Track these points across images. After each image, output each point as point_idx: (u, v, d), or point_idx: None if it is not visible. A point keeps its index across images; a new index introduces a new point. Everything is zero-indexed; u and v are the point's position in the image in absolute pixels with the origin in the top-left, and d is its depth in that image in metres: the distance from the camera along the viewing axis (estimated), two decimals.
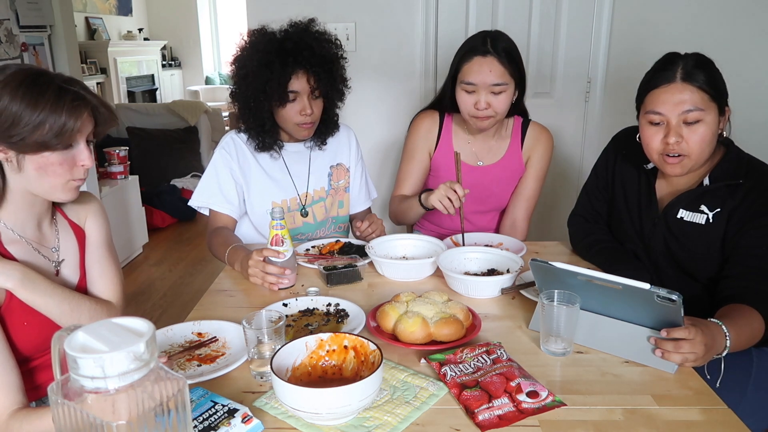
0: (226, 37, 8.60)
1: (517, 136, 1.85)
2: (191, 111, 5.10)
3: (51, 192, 1.11)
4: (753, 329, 1.16)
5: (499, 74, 1.64)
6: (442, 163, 1.88)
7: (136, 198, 3.88)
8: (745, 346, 1.15)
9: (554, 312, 1.09)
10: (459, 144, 1.86)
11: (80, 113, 1.06)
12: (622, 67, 2.73)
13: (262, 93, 1.57)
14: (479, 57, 1.65)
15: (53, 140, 1.04)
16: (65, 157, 1.08)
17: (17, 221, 1.14)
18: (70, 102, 1.04)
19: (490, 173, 1.85)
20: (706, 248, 1.35)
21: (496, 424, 0.90)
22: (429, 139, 1.87)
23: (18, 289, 1.07)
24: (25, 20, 2.74)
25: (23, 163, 1.06)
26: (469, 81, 1.66)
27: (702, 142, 1.28)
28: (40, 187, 1.10)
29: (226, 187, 1.69)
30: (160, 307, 3.25)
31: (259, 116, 1.63)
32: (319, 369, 1.00)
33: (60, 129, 1.03)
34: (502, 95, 1.67)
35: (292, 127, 1.65)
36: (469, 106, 1.69)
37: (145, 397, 0.63)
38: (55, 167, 1.08)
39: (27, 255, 1.14)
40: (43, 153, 1.06)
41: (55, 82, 1.05)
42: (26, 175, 1.08)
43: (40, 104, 1.01)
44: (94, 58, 6.60)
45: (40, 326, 1.11)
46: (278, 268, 1.37)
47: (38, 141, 1.03)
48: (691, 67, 1.28)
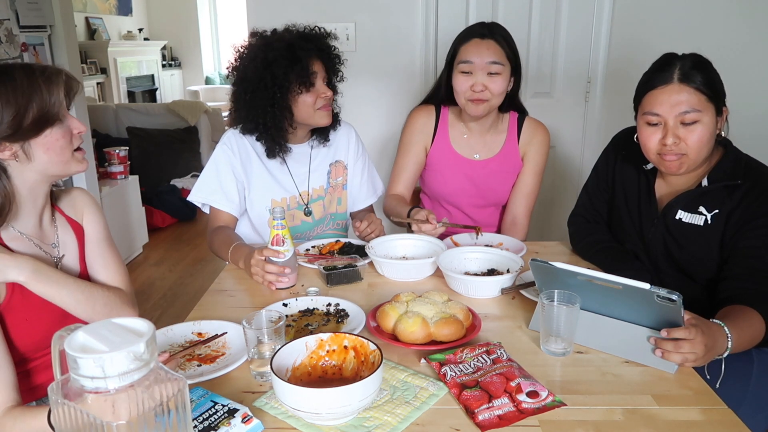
0: (226, 37, 8.59)
1: (513, 130, 1.86)
2: (191, 111, 5.10)
3: (66, 167, 1.15)
4: (754, 330, 1.16)
5: (496, 53, 1.67)
6: (437, 158, 1.89)
7: (136, 198, 3.88)
8: (747, 347, 1.15)
9: (554, 312, 1.09)
10: (455, 137, 1.86)
11: (53, 84, 1.09)
12: (622, 67, 2.73)
13: (286, 79, 1.57)
14: (477, 39, 1.69)
15: (46, 116, 1.08)
16: (64, 130, 1.12)
17: (20, 219, 1.15)
18: (41, 77, 1.08)
19: (487, 167, 1.86)
20: (705, 250, 1.34)
21: (496, 424, 0.90)
22: (425, 133, 1.88)
23: (31, 281, 1.08)
24: (25, 20, 2.74)
25: (30, 151, 1.09)
26: (467, 59, 1.68)
27: (699, 142, 1.28)
28: (55, 167, 1.13)
29: (227, 183, 1.68)
30: (160, 307, 3.25)
31: (281, 110, 1.61)
32: (319, 369, 1.00)
33: (47, 103, 1.08)
34: (498, 78, 1.68)
35: (314, 113, 1.64)
36: (466, 89, 1.70)
37: (145, 397, 0.63)
38: (60, 142, 1.12)
39: (28, 251, 1.15)
40: (45, 132, 1.09)
41: (17, 66, 1.08)
42: (38, 161, 1.11)
43: (18, 89, 1.05)
44: (94, 58, 6.60)
45: (40, 323, 1.12)
46: (278, 268, 1.37)
47: (36, 120, 1.07)
48: (689, 68, 1.28)
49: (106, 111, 5.05)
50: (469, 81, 1.69)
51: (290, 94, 1.60)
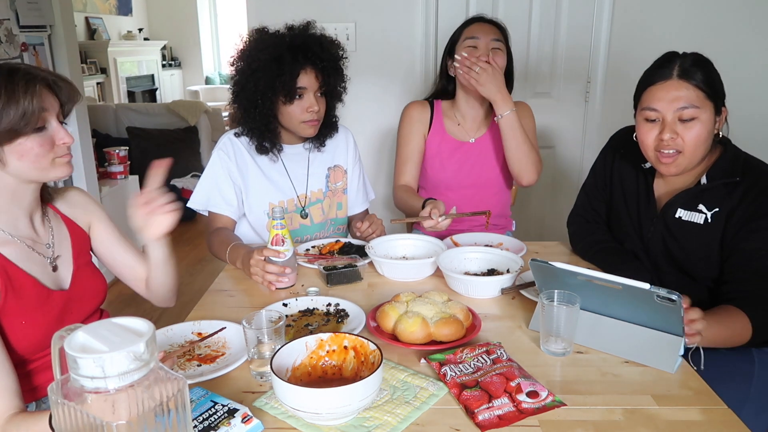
0: (226, 37, 8.59)
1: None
2: (191, 111, 5.09)
3: (43, 174, 1.12)
4: (735, 329, 1.18)
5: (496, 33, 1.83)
6: (435, 146, 1.95)
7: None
8: (726, 344, 1.19)
9: (554, 312, 1.09)
10: (450, 127, 1.96)
11: (35, 90, 1.05)
12: (621, 67, 2.72)
13: (271, 89, 1.57)
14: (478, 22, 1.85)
15: (20, 124, 1.04)
16: (43, 139, 1.09)
17: (8, 221, 1.13)
18: (23, 83, 1.04)
19: (481, 146, 1.95)
20: (705, 248, 1.34)
21: (496, 424, 0.90)
22: (422, 122, 1.96)
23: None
24: (25, 20, 2.73)
25: (3, 156, 1.07)
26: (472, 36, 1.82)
27: (697, 139, 1.28)
28: (31, 173, 1.10)
29: (224, 188, 1.69)
30: (160, 307, 3.24)
31: (264, 115, 1.62)
32: (319, 369, 1.00)
33: (23, 112, 1.03)
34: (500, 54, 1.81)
35: (298, 125, 1.65)
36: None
37: (145, 397, 0.63)
38: (35, 150, 1.08)
39: (22, 255, 1.13)
40: (18, 140, 1.06)
41: (2, 69, 1.05)
42: (12, 166, 1.08)
43: None
44: (94, 58, 6.59)
45: (37, 325, 1.10)
46: (278, 268, 1.37)
47: (7, 129, 1.03)
48: (689, 65, 1.28)
49: (106, 111, 5.05)
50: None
51: (275, 105, 1.62)
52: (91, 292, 1.26)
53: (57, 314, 1.15)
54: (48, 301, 1.14)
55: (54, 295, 1.16)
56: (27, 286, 1.11)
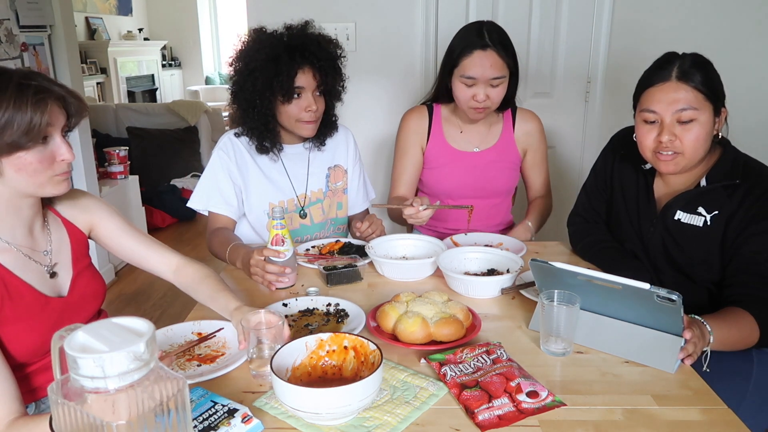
0: (226, 37, 8.59)
1: (508, 121, 1.91)
2: (191, 111, 5.10)
3: (39, 189, 1.09)
4: (743, 330, 1.17)
5: (497, 67, 1.69)
6: (435, 156, 1.91)
7: (136, 198, 3.88)
8: (735, 346, 1.17)
9: (554, 312, 1.09)
10: (451, 133, 1.90)
11: (45, 106, 1.02)
12: (621, 67, 2.73)
13: (269, 89, 1.57)
14: (479, 51, 1.68)
15: (23, 139, 1.00)
16: (43, 155, 1.05)
17: (5, 229, 1.11)
18: (33, 96, 1.00)
19: (486, 158, 1.90)
20: (704, 251, 1.34)
21: (496, 424, 0.90)
22: (419, 133, 1.91)
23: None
24: (25, 20, 2.73)
25: (1, 166, 1.03)
26: (470, 75, 1.69)
27: (696, 141, 1.28)
28: (27, 187, 1.07)
29: (224, 188, 1.69)
30: (160, 307, 3.25)
31: (263, 115, 1.62)
32: (319, 369, 1.00)
33: (27, 126, 0.99)
34: (500, 87, 1.72)
35: (295, 124, 1.65)
36: (468, 99, 1.73)
37: (145, 397, 0.63)
38: (34, 166, 1.04)
39: (18, 263, 1.11)
40: (18, 154, 1.02)
41: (14, 78, 1.00)
42: (9, 178, 1.05)
43: (2, 104, 0.98)
44: (94, 58, 6.60)
45: (35, 332, 1.09)
46: (278, 268, 1.37)
47: (8, 142, 1.00)
48: (688, 67, 1.28)
49: (106, 111, 5.05)
50: (472, 92, 1.72)
51: (273, 105, 1.62)
52: (90, 296, 1.25)
53: (55, 320, 1.13)
54: (46, 308, 1.13)
55: (52, 302, 1.15)
56: (24, 294, 1.10)
